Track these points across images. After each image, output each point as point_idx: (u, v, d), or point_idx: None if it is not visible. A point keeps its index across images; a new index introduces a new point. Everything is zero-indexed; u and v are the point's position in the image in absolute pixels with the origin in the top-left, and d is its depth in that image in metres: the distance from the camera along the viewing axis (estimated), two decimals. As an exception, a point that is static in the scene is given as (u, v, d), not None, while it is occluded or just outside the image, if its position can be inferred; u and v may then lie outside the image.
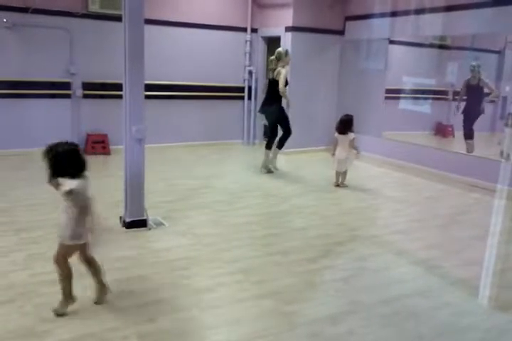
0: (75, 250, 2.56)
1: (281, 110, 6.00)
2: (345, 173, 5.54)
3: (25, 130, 6.34)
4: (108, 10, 6.43)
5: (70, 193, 2.41)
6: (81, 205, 2.47)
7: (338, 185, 5.53)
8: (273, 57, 5.91)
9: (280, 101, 5.93)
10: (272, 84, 5.90)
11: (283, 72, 5.75)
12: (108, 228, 3.86)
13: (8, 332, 2.39)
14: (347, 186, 5.52)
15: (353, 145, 5.42)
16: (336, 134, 5.47)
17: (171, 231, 3.90)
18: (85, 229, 2.51)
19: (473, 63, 6.75)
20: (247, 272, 3.19)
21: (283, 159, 6.72)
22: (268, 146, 6.11)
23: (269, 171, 6.06)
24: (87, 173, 2.52)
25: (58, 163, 2.42)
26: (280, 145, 6.11)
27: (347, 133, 5.39)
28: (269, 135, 6.18)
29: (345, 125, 5.41)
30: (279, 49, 5.97)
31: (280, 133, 6.15)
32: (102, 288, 2.70)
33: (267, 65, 6.99)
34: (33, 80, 6.30)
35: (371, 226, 4.33)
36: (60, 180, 2.41)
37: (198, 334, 2.52)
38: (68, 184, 2.39)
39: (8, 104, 6.24)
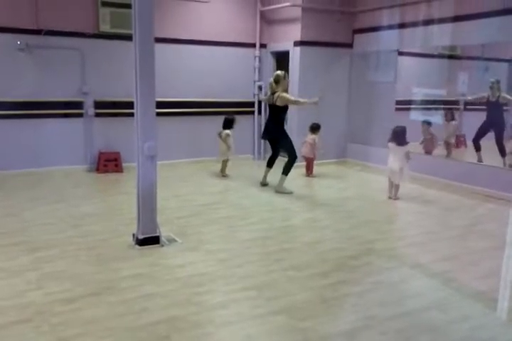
0: None
1: (284, 134, 5.85)
2: (398, 186, 5.52)
3: (39, 149, 6.41)
4: (119, 29, 6.52)
5: None
6: None
7: (390, 198, 5.53)
8: (271, 81, 5.76)
9: (282, 125, 5.86)
10: (272, 109, 5.82)
11: (286, 95, 5.68)
12: (121, 245, 3.88)
13: (24, 352, 2.40)
14: (399, 199, 5.51)
15: (408, 157, 5.44)
16: (390, 144, 5.49)
17: (184, 247, 3.90)
18: None
19: (492, 79, 6.66)
20: (260, 288, 3.17)
21: (293, 172, 6.69)
22: (269, 164, 6.12)
23: (264, 185, 6.08)
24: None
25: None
26: (286, 172, 5.84)
27: (403, 145, 5.42)
28: (272, 153, 6.19)
29: (401, 136, 5.45)
30: (278, 72, 5.83)
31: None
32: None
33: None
34: (46, 100, 6.41)
35: (385, 239, 4.28)
36: None
37: (212, 351, 2.50)
38: None
39: (22, 124, 6.34)
